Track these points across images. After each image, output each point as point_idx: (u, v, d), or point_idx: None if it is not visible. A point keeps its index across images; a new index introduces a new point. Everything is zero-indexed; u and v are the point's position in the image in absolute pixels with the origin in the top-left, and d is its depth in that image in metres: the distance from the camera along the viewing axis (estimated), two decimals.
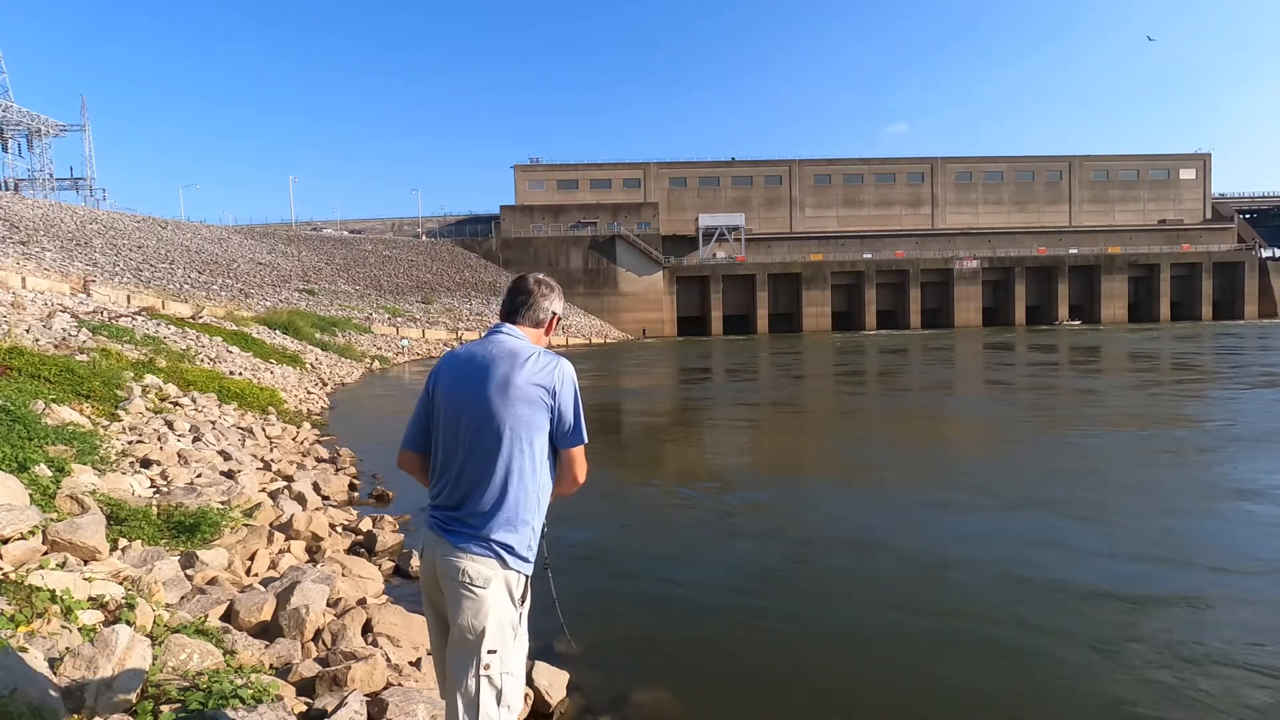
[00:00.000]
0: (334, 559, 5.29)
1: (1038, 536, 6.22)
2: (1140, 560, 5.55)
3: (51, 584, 3.25)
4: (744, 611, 4.84)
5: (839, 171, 76.90)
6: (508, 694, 2.06)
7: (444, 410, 2.19)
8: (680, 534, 6.67)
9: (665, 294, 66.33)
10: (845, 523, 6.97)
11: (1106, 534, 6.20)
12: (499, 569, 2.06)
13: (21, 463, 4.97)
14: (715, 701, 3.71)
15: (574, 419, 2.15)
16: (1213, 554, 5.64)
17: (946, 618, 4.61)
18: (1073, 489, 7.87)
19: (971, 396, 18.70)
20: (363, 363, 29.58)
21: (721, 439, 12.65)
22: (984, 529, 6.59)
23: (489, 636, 2.04)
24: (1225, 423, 12.21)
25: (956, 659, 4.08)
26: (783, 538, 6.50)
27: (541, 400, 2.09)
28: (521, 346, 2.17)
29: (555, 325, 2.37)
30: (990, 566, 5.54)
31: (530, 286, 2.33)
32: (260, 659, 3.42)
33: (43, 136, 68.75)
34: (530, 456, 2.10)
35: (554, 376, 2.12)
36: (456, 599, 2.06)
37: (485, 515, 2.06)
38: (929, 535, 6.40)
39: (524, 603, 2.13)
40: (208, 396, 11.63)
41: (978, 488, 8.22)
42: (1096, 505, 7.18)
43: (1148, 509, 7.04)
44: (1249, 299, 70.62)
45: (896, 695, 3.75)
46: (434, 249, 66.67)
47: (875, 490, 8.35)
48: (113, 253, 38.88)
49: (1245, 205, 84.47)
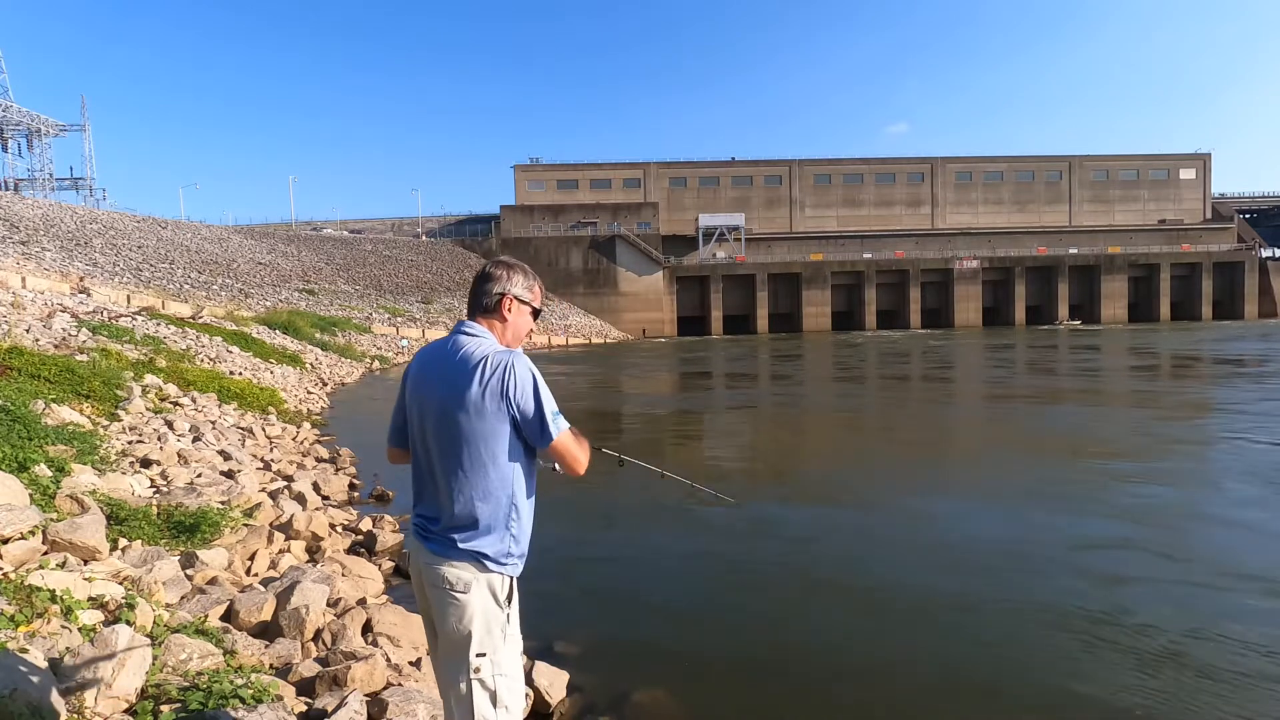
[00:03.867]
0: (334, 559, 5.29)
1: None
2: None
3: (51, 584, 3.25)
4: (744, 612, 4.84)
5: (839, 171, 76.91)
6: (503, 695, 2.04)
7: (413, 416, 2.15)
8: (681, 534, 6.67)
9: (665, 294, 66.33)
10: (846, 523, 6.97)
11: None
12: (479, 573, 2.03)
13: (21, 463, 4.97)
14: (715, 701, 3.70)
15: (537, 418, 2.01)
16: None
17: (949, 617, 4.62)
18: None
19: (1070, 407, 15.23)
20: (363, 362, 29.58)
21: (720, 441, 12.65)
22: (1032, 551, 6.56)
23: (476, 640, 2.02)
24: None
25: (959, 659, 4.08)
26: (783, 539, 6.50)
27: (498, 410, 1.99)
28: (475, 349, 2.05)
29: (512, 307, 2.19)
30: (1006, 575, 5.54)
31: (482, 273, 2.21)
32: (260, 659, 3.42)
33: (43, 136, 68.75)
34: (496, 467, 2.02)
35: (506, 382, 1.99)
36: (441, 605, 2.06)
37: (458, 527, 2.03)
38: (934, 532, 6.41)
39: (510, 603, 2.09)
40: (208, 396, 11.63)
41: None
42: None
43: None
44: (1249, 299, 70.62)
45: (897, 695, 3.75)
46: (434, 249, 66.66)
47: (875, 491, 8.35)
48: (113, 253, 38.86)
49: (1245, 205, 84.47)
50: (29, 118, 67.43)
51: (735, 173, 75.90)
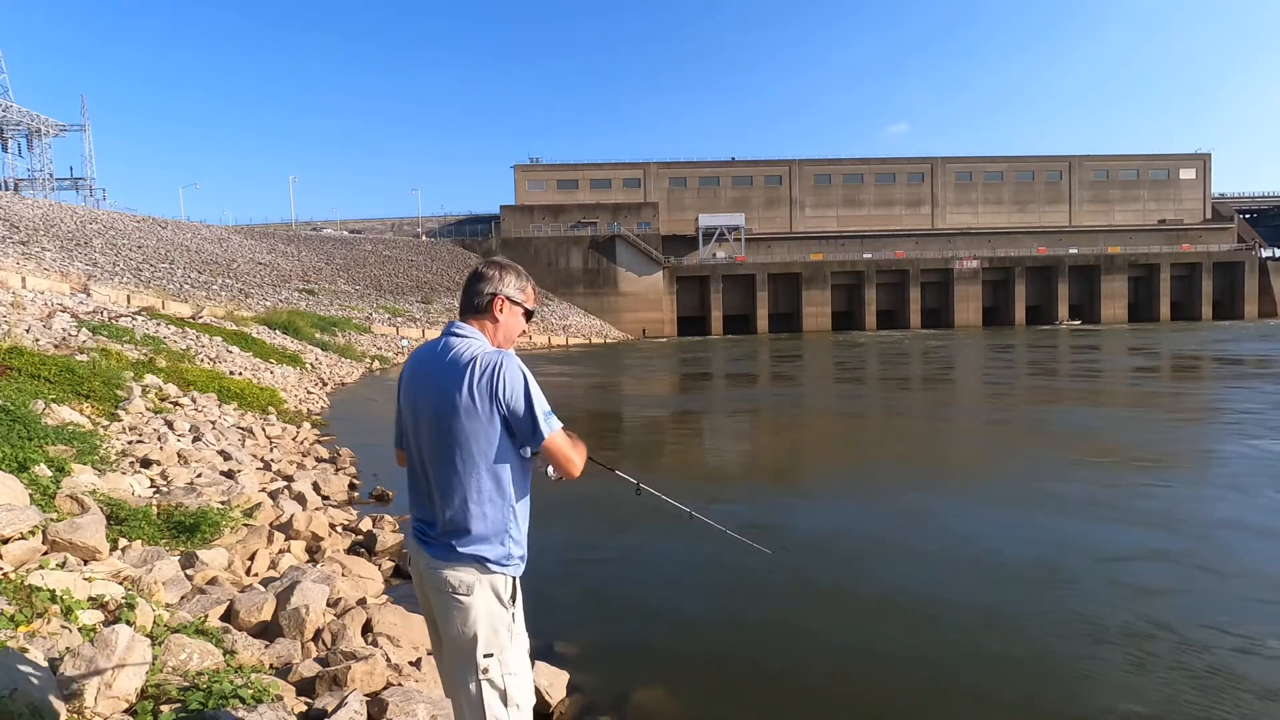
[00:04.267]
0: (334, 559, 5.29)
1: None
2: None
3: (51, 584, 3.25)
4: (744, 612, 4.83)
5: (839, 171, 76.90)
6: (513, 694, 2.04)
7: (406, 419, 2.14)
8: (681, 535, 6.67)
9: (665, 294, 66.33)
10: (846, 523, 6.97)
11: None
12: (481, 575, 2.02)
13: (21, 463, 4.97)
14: (715, 701, 3.70)
15: (529, 418, 1.98)
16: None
17: (951, 618, 4.61)
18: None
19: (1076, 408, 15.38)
20: (363, 362, 29.57)
21: (723, 443, 12.64)
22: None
23: (482, 642, 2.01)
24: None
25: (962, 659, 4.08)
26: (785, 540, 6.49)
27: (489, 412, 1.97)
28: (464, 350, 2.04)
29: (503, 308, 2.17)
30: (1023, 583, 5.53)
31: (475, 273, 2.21)
32: (260, 659, 3.42)
33: (43, 136, 68.76)
34: (489, 470, 2.01)
35: (495, 384, 1.96)
36: (445, 609, 2.05)
37: (455, 532, 2.02)
38: (939, 537, 6.41)
39: (515, 602, 2.09)
40: (208, 396, 11.63)
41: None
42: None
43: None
44: (1249, 299, 70.63)
45: (897, 694, 3.74)
46: (434, 249, 66.65)
47: (877, 493, 8.35)
48: (113, 253, 38.87)
49: (1245, 205, 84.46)
50: (29, 118, 67.44)
51: (735, 173, 75.89)
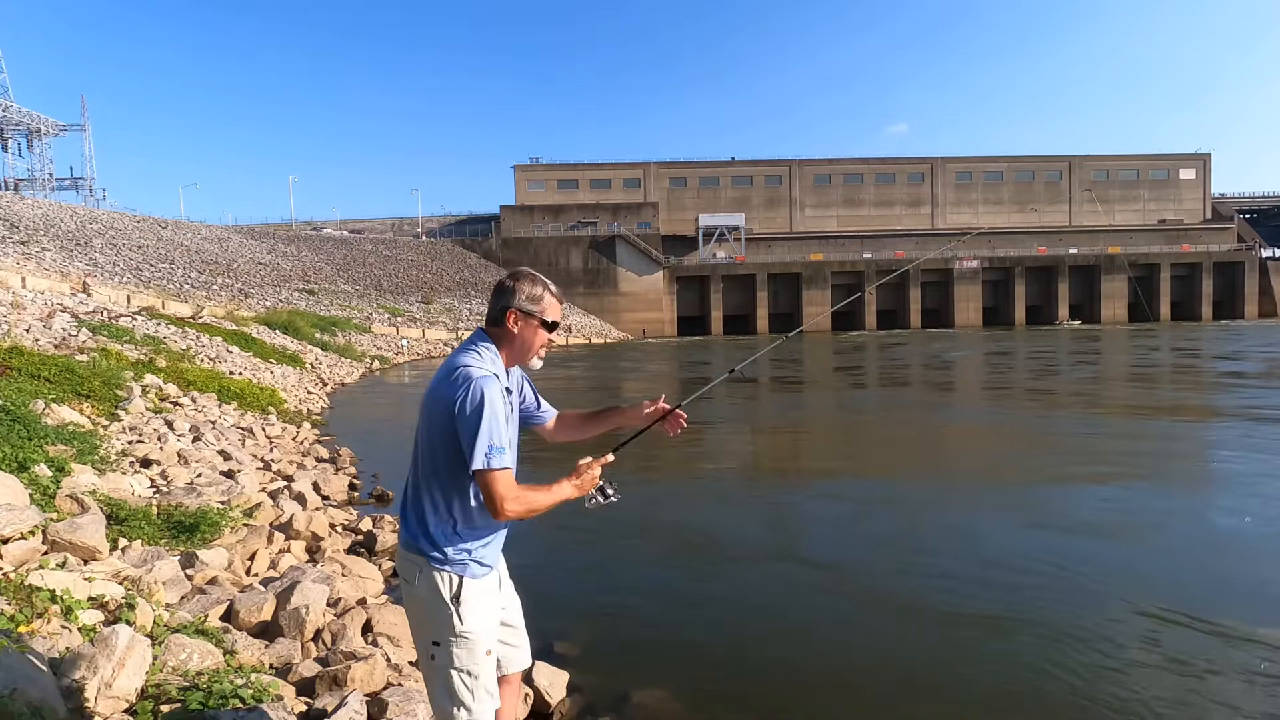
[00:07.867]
0: (334, 559, 5.29)
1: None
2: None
3: (51, 584, 3.25)
4: (744, 612, 4.83)
5: (839, 171, 76.90)
6: (458, 689, 2.07)
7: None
8: (682, 536, 6.67)
9: (665, 294, 66.33)
10: (846, 524, 6.97)
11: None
12: (426, 566, 2.11)
13: (21, 463, 4.97)
14: (715, 701, 3.70)
15: (469, 443, 1.98)
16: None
17: (961, 621, 4.61)
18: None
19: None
20: (363, 362, 29.57)
21: (725, 445, 12.64)
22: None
23: (429, 629, 2.12)
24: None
25: (963, 659, 4.07)
26: (783, 539, 6.50)
27: (446, 416, 2.04)
28: (457, 360, 2.12)
29: (516, 320, 2.19)
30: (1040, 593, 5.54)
31: (497, 284, 2.28)
32: (260, 659, 3.42)
33: (43, 136, 68.79)
34: (445, 472, 2.08)
35: (458, 397, 2.01)
36: (404, 592, 2.20)
37: (410, 522, 2.15)
38: (936, 534, 6.41)
39: (459, 603, 2.09)
40: (208, 396, 11.64)
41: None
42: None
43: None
44: (1249, 299, 70.63)
45: (897, 695, 3.74)
46: (434, 249, 66.66)
47: (878, 494, 8.35)
48: (113, 253, 38.88)
49: (1245, 205, 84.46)
50: (29, 117, 67.45)
51: (735, 173, 75.88)
